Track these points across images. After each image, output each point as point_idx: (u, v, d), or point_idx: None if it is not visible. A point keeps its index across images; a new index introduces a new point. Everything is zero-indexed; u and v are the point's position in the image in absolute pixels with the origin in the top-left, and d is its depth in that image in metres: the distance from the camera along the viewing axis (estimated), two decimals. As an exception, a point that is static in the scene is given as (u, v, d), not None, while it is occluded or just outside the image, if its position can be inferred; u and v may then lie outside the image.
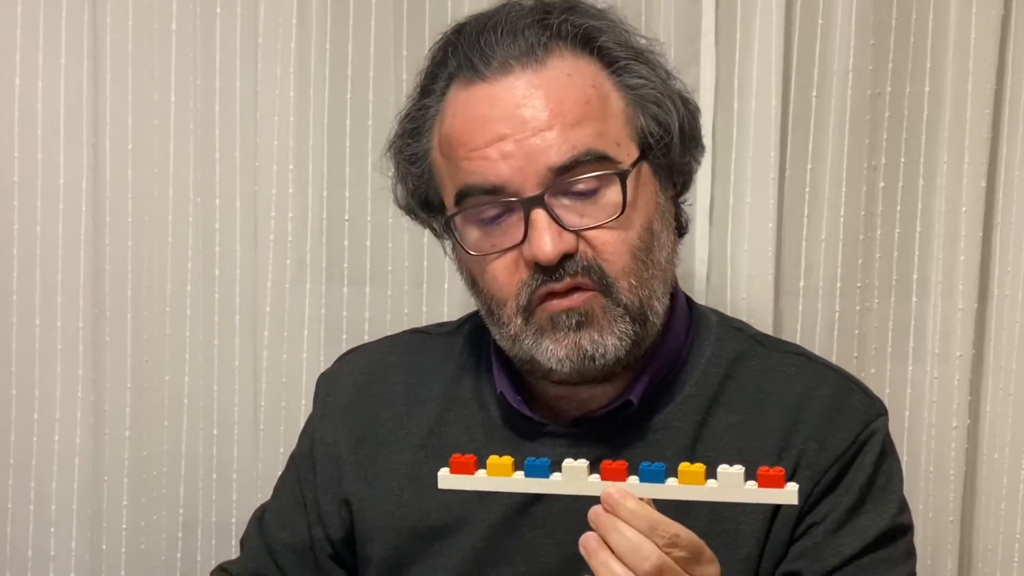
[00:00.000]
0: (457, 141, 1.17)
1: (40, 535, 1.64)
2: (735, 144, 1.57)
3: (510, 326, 1.18)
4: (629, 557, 0.96)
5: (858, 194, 1.57)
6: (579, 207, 1.15)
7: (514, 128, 1.14)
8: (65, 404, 1.64)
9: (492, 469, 1.01)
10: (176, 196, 1.62)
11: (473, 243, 1.18)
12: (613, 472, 0.98)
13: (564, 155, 1.14)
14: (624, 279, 1.15)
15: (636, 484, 0.97)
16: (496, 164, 1.14)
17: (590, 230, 1.14)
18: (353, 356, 1.38)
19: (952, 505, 1.60)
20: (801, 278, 1.58)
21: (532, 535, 1.20)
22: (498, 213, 1.16)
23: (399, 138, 1.26)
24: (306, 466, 1.32)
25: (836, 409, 1.22)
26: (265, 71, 1.59)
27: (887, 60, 1.56)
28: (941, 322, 1.59)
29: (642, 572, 0.96)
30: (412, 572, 1.23)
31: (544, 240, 1.12)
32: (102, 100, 1.60)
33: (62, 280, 1.62)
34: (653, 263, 1.18)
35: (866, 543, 1.18)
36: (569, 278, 1.14)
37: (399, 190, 1.28)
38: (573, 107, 1.15)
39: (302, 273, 1.62)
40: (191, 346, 1.65)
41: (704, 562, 1.00)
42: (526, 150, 1.14)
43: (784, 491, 0.95)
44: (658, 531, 0.97)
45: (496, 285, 1.18)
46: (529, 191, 1.14)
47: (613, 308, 1.15)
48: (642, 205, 1.17)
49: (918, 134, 1.58)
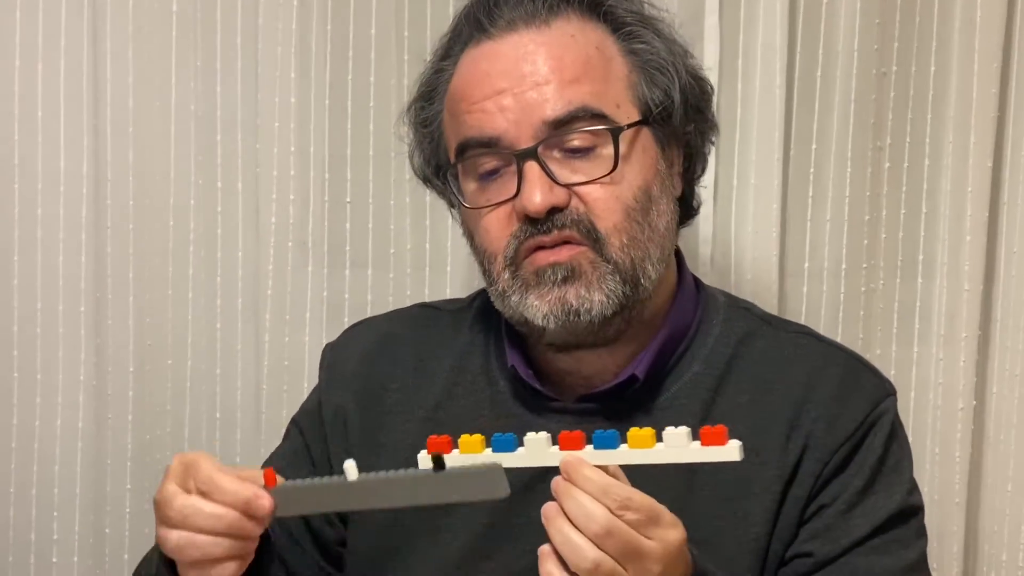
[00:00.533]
0: (460, 96, 1.20)
1: (43, 519, 1.64)
2: (739, 124, 1.56)
3: (499, 281, 1.19)
4: (580, 521, 0.97)
5: (863, 174, 1.57)
6: (573, 163, 1.16)
7: (513, 82, 1.17)
8: (67, 388, 1.63)
9: (464, 447, 1.03)
10: (177, 179, 1.62)
11: (470, 197, 1.21)
12: (571, 441, 1.00)
13: (560, 110, 1.16)
14: (616, 236, 1.16)
15: (591, 452, 1.00)
16: (493, 117, 1.17)
17: (582, 185, 1.16)
18: (361, 328, 1.38)
19: (958, 487, 1.59)
20: (806, 259, 1.58)
21: (537, 514, 1.19)
22: (495, 168, 1.18)
23: (415, 102, 1.29)
24: (314, 425, 1.30)
25: (845, 389, 1.21)
26: (266, 52, 1.58)
27: (892, 39, 1.55)
28: (947, 303, 1.59)
29: (591, 534, 0.97)
30: (418, 544, 1.23)
31: (534, 192, 1.14)
32: (102, 82, 1.59)
33: (63, 263, 1.61)
34: (649, 226, 1.18)
35: (877, 524, 1.17)
36: (557, 231, 1.15)
37: (416, 157, 1.31)
38: (572, 64, 1.17)
39: (304, 256, 1.61)
40: (193, 330, 1.64)
41: (664, 525, 0.99)
42: (523, 103, 1.16)
43: (726, 447, 0.97)
44: (610, 494, 0.97)
45: (488, 238, 1.19)
46: (524, 144, 1.16)
47: (602, 264, 1.15)
48: (640, 168, 1.18)
49: (924, 114, 1.58)
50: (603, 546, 0.97)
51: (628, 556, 0.97)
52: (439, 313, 1.35)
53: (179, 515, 1.00)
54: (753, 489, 1.17)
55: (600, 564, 0.96)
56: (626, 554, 0.97)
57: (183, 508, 1.00)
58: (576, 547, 0.97)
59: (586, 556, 0.96)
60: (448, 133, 1.23)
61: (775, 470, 1.18)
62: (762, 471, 1.18)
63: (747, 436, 1.16)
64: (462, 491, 0.97)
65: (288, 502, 1.01)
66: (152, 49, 1.60)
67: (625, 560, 0.97)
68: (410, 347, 1.32)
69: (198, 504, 1.00)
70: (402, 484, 0.98)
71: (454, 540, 1.22)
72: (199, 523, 1.00)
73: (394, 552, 1.24)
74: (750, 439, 1.16)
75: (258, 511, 1.00)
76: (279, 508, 1.00)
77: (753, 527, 1.17)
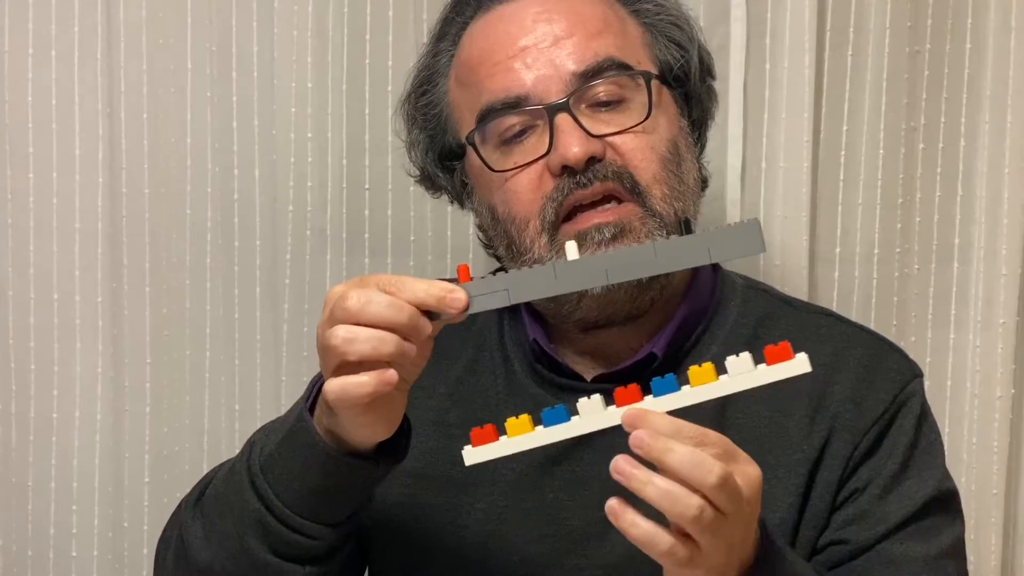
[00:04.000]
0: (478, 62, 1.19)
1: (62, 512, 1.63)
2: (767, 105, 1.54)
3: (533, 249, 1.16)
4: (675, 466, 0.89)
5: (896, 156, 1.54)
6: (604, 116, 1.15)
7: (535, 40, 1.17)
8: (85, 380, 1.62)
9: (513, 430, 0.99)
10: (194, 166, 1.60)
11: (495, 163, 1.18)
12: (627, 396, 0.95)
13: (587, 60, 1.15)
14: (656, 187, 1.14)
15: (652, 401, 0.95)
16: (519, 74, 1.15)
17: (617, 135, 1.14)
18: None
19: (996, 478, 1.57)
20: (837, 244, 1.56)
21: (554, 496, 1.19)
22: (520, 131, 1.16)
23: (414, 90, 1.27)
24: None
25: (871, 370, 1.19)
26: (282, 36, 1.56)
27: (926, 16, 1.53)
28: (984, 288, 1.57)
29: (691, 478, 0.90)
30: (432, 523, 1.21)
31: (571, 141, 1.12)
32: (116, 69, 1.57)
33: (79, 253, 1.60)
34: (683, 179, 1.17)
35: (914, 509, 1.15)
36: (599, 183, 1.13)
37: (413, 154, 1.29)
38: (592, 19, 1.17)
39: (322, 244, 1.59)
40: (211, 319, 1.63)
41: (741, 461, 0.95)
42: (548, 58, 1.15)
43: (795, 361, 0.93)
44: (684, 434, 0.91)
45: (518, 203, 1.16)
46: (553, 98, 1.14)
47: (650, 219, 1.13)
48: (666, 121, 1.17)
49: (959, 93, 1.56)
50: (708, 491, 0.90)
51: (728, 496, 0.91)
52: None
53: (355, 305, 0.94)
54: (777, 473, 1.15)
55: (704, 509, 0.90)
56: (728, 495, 0.91)
57: (360, 298, 0.94)
58: (677, 496, 0.90)
59: (691, 504, 0.89)
60: (462, 107, 1.21)
61: (800, 453, 1.16)
62: (786, 455, 1.16)
63: (770, 419, 1.16)
64: (715, 250, 0.92)
65: (484, 296, 0.96)
66: (166, 34, 1.58)
67: (727, 501, 0.91)
68: None
69: (377, 296, 0.94)
70: (640, 254, 0.93)
71: (470, 519, 1.20)
72: (376, 312, 0.94)
73: (414, 534, 1.22)
74: (773, 423, 1.13)
75: (453, 304, 0.95)
76: (474, 304, 0.96)
77: (778, 511, 1.15)
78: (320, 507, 1.06)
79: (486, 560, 1.19)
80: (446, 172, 1.26)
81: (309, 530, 1.07)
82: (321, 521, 1.07)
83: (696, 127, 1.25)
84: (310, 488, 1.05)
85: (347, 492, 1.06)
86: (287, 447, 1.05)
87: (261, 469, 1.07)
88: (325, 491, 1.05)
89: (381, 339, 0.94)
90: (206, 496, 1.15)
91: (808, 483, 1.16)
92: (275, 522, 1.06)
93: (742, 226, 0.92)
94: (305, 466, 1.04)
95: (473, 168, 1.22)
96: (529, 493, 1.19)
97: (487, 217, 1.22)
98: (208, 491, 1.15)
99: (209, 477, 1.19)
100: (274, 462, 1.06)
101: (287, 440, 1.06)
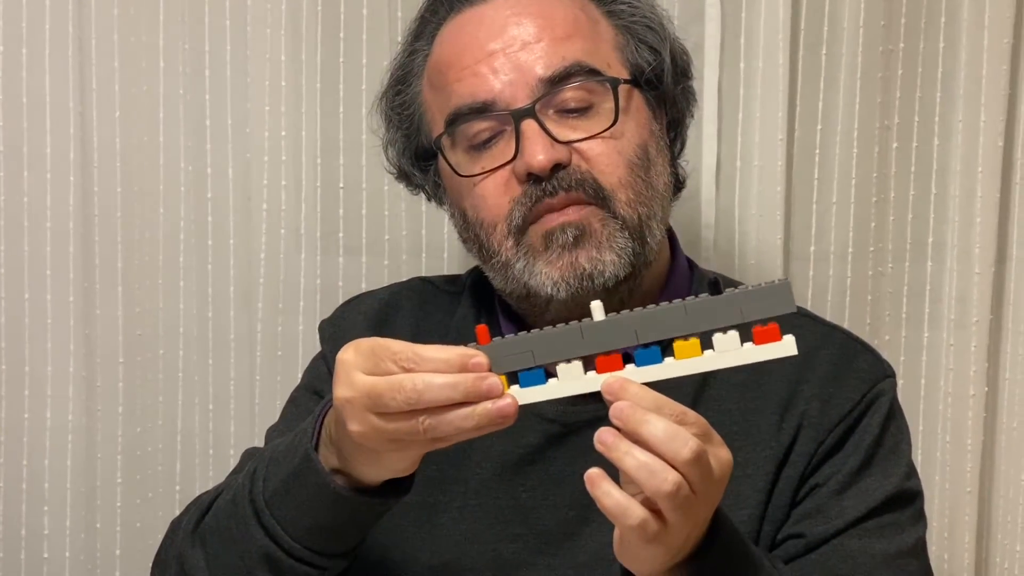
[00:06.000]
0: (447, 65, 1.18)
1: (33, 514, 1.61)
2: (742, 104, 1.54)
3: (501, 252, 1.16)
4: (654, 441, 0.89)
5: (870, 155, 1.54)
6: (571, 122, 1.15)
7: (504, 44, 1.16)
8: (56, 380, 1.60)
9: None
10: (166, 165, 1.59)
11: (463, 167, 1.18)
12: (609, 363, 0.94)
13: (554, 66, 1.14)
14: (622, 191, 1.14)
15: (634, 370, 0.93)
16: (486, 79, 1.15)
17: (583, 141, 1.14)
18: (356, 302, 1.35)
19: (969, 476, 1.57)
20: (812, 242, 1.56)
21: (527, 496, 1.18)
22: (488, 137, 1.16)
23: (389, 88, 1.26)
24: (328, 383, 1.27)
25: (841, 368, 1.19)
26: (255, 34, 1.55)
27: (899, 15, 1.53)
28: (957, 287, 1.56)
29: (668, 453, 0.89)
30: (406, 521, 1.20)
31: (536, 148, 1.12)
32: (88, 66, 1.56)
33: (51, 252, 1.58)
34: (651, 184, 1.16)
35: (872, 506, 1.14)
36: (563, 192, 1.12)
37: (390, 152, 1.29)
38: (562, 22, 1.17)
39: (297, 243, 1.58)
40: (184, 319, 1.62)
41: (716, 443, 0.94)
42: (515, 63, 1.15)
43: (782, 343, 0.91)
44: (665, 409, 0.91)
45: (485, 207, 1.16)
46: (520, 103, 1.14)
47: (611, 221, 1.13)
48: (635, 126, 1.17)
49: (932, 92, 1.55)
50: (681, 465, 0.89)
51: (701, 474, 0.91)
52: (437, 291, 1.33)
53: (412, 392, 0.91)
54: (746, 470, 1.14)
55: (681, 485, 0.89)
56: (701, 472, 0.91)
57: (415, 385, 0.90)
58: (655, 470, 0.89)
59: (667, 478, 0.89)
60: (433, 109, 1.21)
61: (768, 451, 1.16)
62: (755, 452, 1.16)
63: (741, 417, 1.16)
64: (747, 310, 0.90)
65: (506, 358, 0.94)
66: (139, 32, 1.57)
67: (699, 479, 0.91)
68: (411, 319, 1.30)
69: (429, 379, 0.90)
70: (671, 315, 0.91)
71: (444, 517, 1.20)
72: (434, 396, 0.90)
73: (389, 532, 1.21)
74: (744, 420, 1.13)
75: (475, 370, 0.92)
76: (494, 366, 0.93)
77: (744, 508, 1.15)
78: (329, 541, 1.06)
79: (460, 559, 1.18)
80: (422, 172, 1.26)
81: (319, 561, 1.06)
82: (330, 552, 1.06)
83: (672, 128, 1.25)
84: (319, 525, 1.04)
85: (357, 525, 1.06)
86: (295, 485, 1.04)
87: (267, 504, 1.06)
88: (335, 527, 1.05)
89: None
90: (206, 525, 1.13)
91: (774, 480, 1.16)
92: (284, 556, 1.05)
93: (773, 287, 0.91)
94: (314, 505, 1.03)
95: (444, 171, 1.22)
96: (502, 492, 1.18)
97: (459, 219, 1.22)
98: (208, 520, 1.13)
99: (205, 501, 1.16)
100: (280, 499, 1.05)
101: (294, 479, 1.04)
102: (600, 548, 1.13)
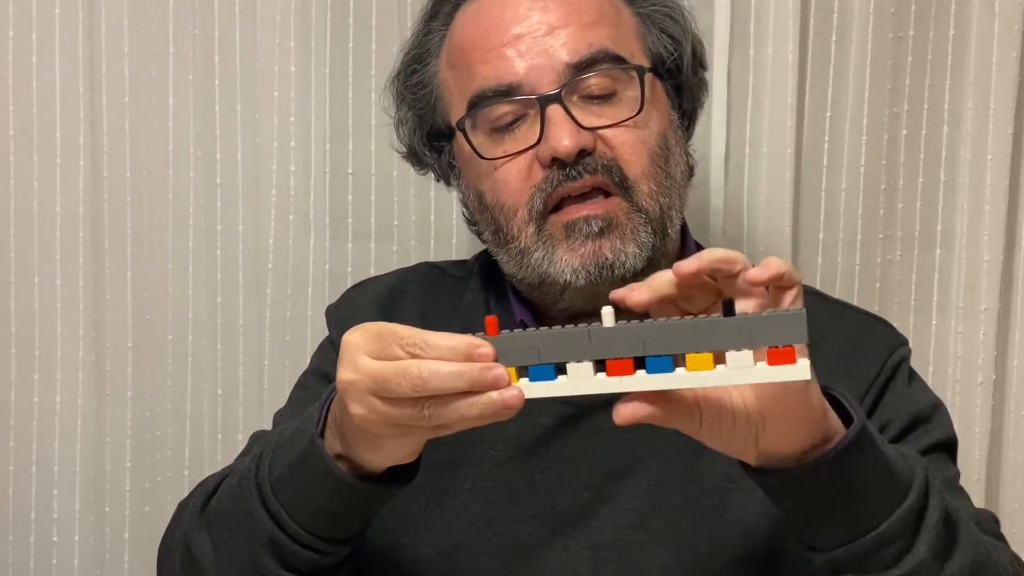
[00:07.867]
0: (470, 46, 1.18)
1: (43, 497, 1.62)
2: (751, 90, 1.53)
3: (520, 238, 1.16)
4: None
5: (880, 142, 1.54)
6: (596, 108, 1.15)
7: (530, 28, 1.15)
8: (66, 364, 1.60)
9: None
10: (176, 150, 1.59)
11: (485, 150, 1.17)
12: (619, 367, 0.92)
13: (580, 52, 1.14)
14: (644, 183, 1.14)
15: (644, 376, 0.92)
16: (512, 63, 1.15)
17: (608, 128, 1.14)
18: (363, 287, 1.35)
19: (977, 464, 1.57)
20: (820, 230, 1.56)
21: (542, 477, 1.18)
22: (511, 120, 1.16)
23: (404, 68, 1.26)
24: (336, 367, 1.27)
25: (857, 343, 1.20)
26: (265, 19, 1.55)
27: (910, 2, 1.53)
28: (966, 274, 1.56)
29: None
30: (419, 504, 1.20)
31: (562, 133, 1.12)
32: (97, 51, 1.56)
33: (60, 237, 1.58)
34: (671, 174, 1.17)
35: (922, 449, 1.13)
36: (588, 175, 1.13)
37: (401, 131, 1.28)
38: (588, 9, 1.17)
39: (306, 228, 1.58)
40: (194, 304, 1.62)
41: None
42: (542, 47, 1.15)
43: (795, 367, 0.90)
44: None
45: (506, 192, 1.16)
46: (545, 88, 1.14)
47: (636, 215, 1.14)
48: (657, 115, 1.17)
49: (942, 79, 1.55)
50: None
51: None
52: (444, 275, 1.33)
53: (417, 379, 0.89)
54: None
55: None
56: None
57: (421, 372, 0.89)
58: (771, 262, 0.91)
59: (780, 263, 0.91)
60: (453, 90, 1.21)
61: None
62: None
63: None
64: (758, 335, 0.89)
65: (512, 352, 0.92)
66: (149, 17, 1.57)
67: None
68: (418, 304, 1.30)
69: (435, 366, 0.89)
70: (680, 330, 0.90)
71: (457, 501, 1.20)
72: (440, 384, 0.89)
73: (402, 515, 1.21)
74: None
75: (480, 360, 0.90)
76: (501, 357, 0.91)
77: None
78: (334, 527, 1.05)
79: (473, 540, 1.18)
80: (434, 152, 1.26)
81: (323, 547, 1.06)
82: (334, 538, 1.06)
83: (686, 117, 1.25)
84: (324, 511, 1.04)
85: (360, 512, 1.06)
86: (299, 471, 1.04)
87: (272, 489, 1.05)
88: (339, 513, 1.05)
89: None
90: (212, 508, 1.13)
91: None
92: (289, 541, 1.05)
93: (787, 315, 0.89)
94: (318, 491, 1.03)
95: (462, 152, 1.21)
96: (516, 474, 1.18)
97: (474, 202, 1.22)
98: (214, 503, 1.13)
99: (211, 484, 1.16)
100: (285, 484, 1.05)
101: (300, 464, 1.04)
102: (616, 529, 1.13)
